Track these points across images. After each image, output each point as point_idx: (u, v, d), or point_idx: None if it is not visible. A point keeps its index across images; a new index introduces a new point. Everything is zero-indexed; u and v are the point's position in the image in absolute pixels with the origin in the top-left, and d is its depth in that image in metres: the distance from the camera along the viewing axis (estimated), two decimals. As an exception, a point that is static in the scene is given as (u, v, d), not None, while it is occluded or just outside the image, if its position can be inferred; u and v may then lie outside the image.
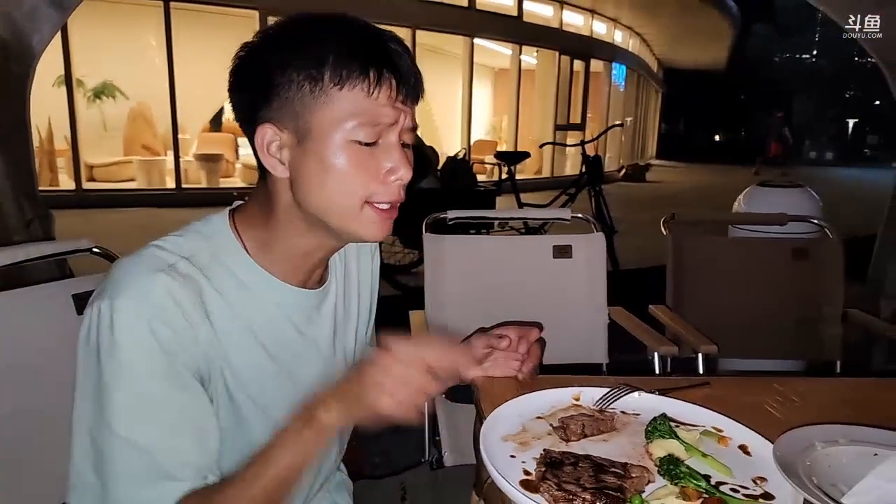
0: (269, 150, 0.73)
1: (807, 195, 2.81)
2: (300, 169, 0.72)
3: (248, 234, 0.78)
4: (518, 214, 2.91)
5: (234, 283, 0.75)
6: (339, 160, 0.71)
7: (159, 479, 0.68)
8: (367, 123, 0.71)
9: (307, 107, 0.70)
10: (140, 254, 0.72)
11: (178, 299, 0.68)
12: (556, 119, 12.19)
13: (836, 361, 1.94)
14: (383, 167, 0.73)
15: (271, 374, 0.78)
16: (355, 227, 0.75)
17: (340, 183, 0.72)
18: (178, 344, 0.68)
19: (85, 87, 8.80)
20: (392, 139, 0.73)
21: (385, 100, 0.71)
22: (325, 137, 0.71)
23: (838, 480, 0.66)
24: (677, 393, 0.90)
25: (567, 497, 0.63)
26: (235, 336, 0.74)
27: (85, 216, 6.65)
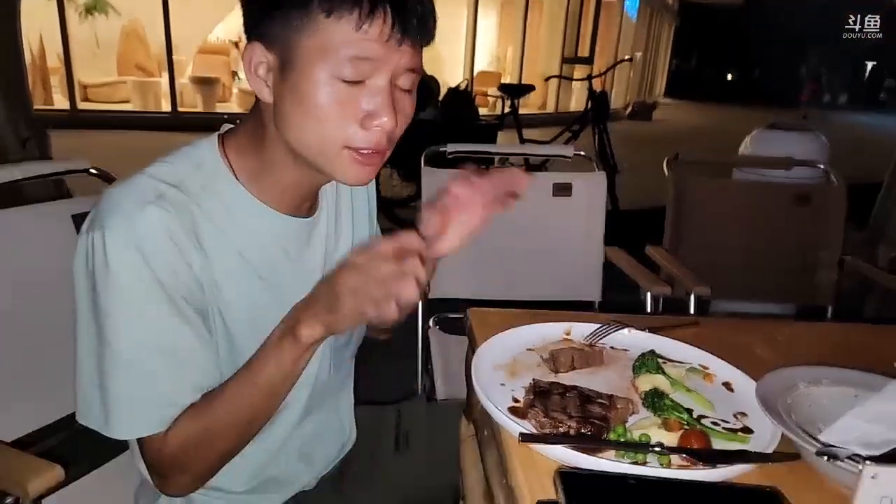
0: (257, 71, 0.69)
1: (815, 139, 2.77)
2: (281, 99, 0.69)
3: (237, 160, 0.76)
4: (519, 150, 2.86)
5: (225, 211, 0.74)
6: (317, 96, 0.66)
7: (160, 404, 0.70)
8: (353, 59, 0.65)
9: (292, 31, 0.65)
10: (129, 182, 0.70)
11: (170, 230, 0.68)
12: (563, 51, 11.82)
13: (827, 307, 1.97)
14: (364, 110, 0.68)
15: (264, 301, 0.78)
16: (331, 169, 0.72)
17: (316, 121, 0.68)
18: (172, 274, 0.68)
19: (76, 2, 8.48)
20: (381, 81, 0.68)
21: (376, 35, 0.65)
22: (306, 69, 0.66)
23: (818, 419, 0.68)
24: (667, 331, 0.92)
25: (553, 424, 0.66)
26: (227, 263, 0.74)
27: (80, 137, 6.54)
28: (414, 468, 1.00)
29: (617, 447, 0.62)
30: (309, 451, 0.93)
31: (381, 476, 1.00)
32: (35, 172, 1.21)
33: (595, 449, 0.61)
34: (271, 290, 0.79)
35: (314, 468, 0.95)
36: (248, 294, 0.76)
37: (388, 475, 1.00)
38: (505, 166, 4.88)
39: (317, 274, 0.85)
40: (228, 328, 0.76)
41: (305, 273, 0.83)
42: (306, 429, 0.91)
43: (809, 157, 2.27)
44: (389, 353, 1.23)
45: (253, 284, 0.77)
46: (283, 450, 0.90)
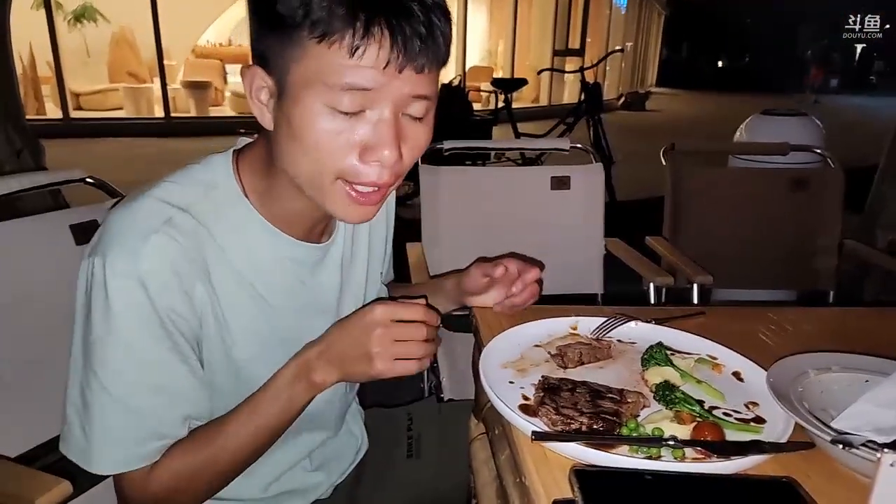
0: (258, 96, 0.65)
1: (810, 124, 2.76)
2: (278, 126, 0.64)
3: (249, 181, 0.73)
4: (515, 145, 2.85)
5: (235, 236, 0.71)
6: (308, 127, 0.61)
7: (146, 439, 0.68)
8: (348, 89, 0.59)
9: (286, 55, 0.60)
10: (134, 206, 0.67)
11: (174, 261, 0.65)
12: (554, 44, 11.81)
13: (829, 292, 1.97)
14: (363, 144, 0.63)
15: (273, 327, 0.76)
16: (326, 204, 0.67)
17: (306, 152, 0.62)
18: (171, 308, 0.66)
19: (64, 10, 8.44)
20: (382, 113, 0.62)
21: (372, 62, 0.58)
22: (297, 97, 0.61)
23: (829, 406, 0.67)
24: (673, 322, 0.92)
25: (565, 421, 0.65)
26: (235, 290, 0.72)
27: (74, 146, 6.53)
28: (427, 471, 1.00)
29: (630, 442, 0.61)
30: (323, 462, 0.93)
31: (394, 481, 0.99)
32: (31, 184, 1.20)
33: (608, 445, 0.60)
34: (281, 316, 0.77)
35: (330, 477, 0.94)
36: (257, 321, 0.74)
37: (402, 480, 1.00)
38: (502, 161, 4.88)
39: (330, 301, 0.83)
40: (233, 355, 0.74)
41: (318, 300, 0.81)
42: (321, 441, 0.91)
43: (805, 142, 2.27)
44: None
45: (262, 311, 0.75)
46: (299, 463, 0.90)
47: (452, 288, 0.98)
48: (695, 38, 26.19)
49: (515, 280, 0.92)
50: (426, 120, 0.67)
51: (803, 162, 2.19)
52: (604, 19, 13.94)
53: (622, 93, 14.09)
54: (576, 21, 12.56)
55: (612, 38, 14.18)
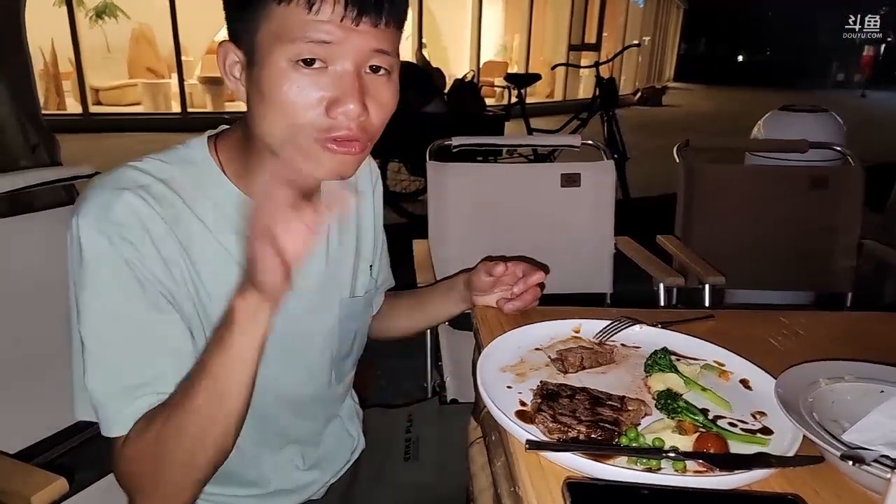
0: (231, 72, 0.68)
1: (830, 120, 2.69)
2: (250, 94, 0.67)
3: (227, 159, 0.75)
4: (525, 141, 2.82)
5: (214, 209, 0.73)
6: (275, 87, 0.64)
7: (132, 396, 0.67)
8: (308, 43, 0.63)
9: (249, 23, 0.64)
10: (115, 171, 0.70)
11: (145, 218, 0.66)
12: (569, 39, 11.70)
13: (847, 294, 1.92)
14: (327, 96, 0.65)
15: None
16: (302, 162, 0.68)
17: (279, 111, 0.65)
18: (141, 261, 0.66)
19: (86, 7, 8.53)
20: (343, 66, 0.64)
21: (328, 16, 0.62)
22: (263, 59, 0.64)
23: (841, 417, 0.64)
24: (680, 326, 0.89)
25: (562, 429, 0.63)
26: (218, 264, 0.72)
27: (93, 140, 6.60)
28: (425, 474, 0.98)
29: (629, 453, 0.59)
30: (317, 461, 0.92)
31: (390, 482, 0.98)
32: (39, 180, 1.21)
33: (606, 455, 0.58)
34: None
35: (323, 476, 0.93)
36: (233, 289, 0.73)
37: (398, 481, 0.98)
38: (514, 157, 4.85)
39: (315, 275, 0.83)
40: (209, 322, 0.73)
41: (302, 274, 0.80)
42: (309, 434, 0.90)
43: (825, 139, 2.21)
44: (398, 351, 1.22)
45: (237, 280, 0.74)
46: (292, 461, 0.89)
47: (463, 287, 0.97)
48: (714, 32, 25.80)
49: (518, 281, 0.91)
50: (391, 78, 0.70)
51: (822, 159, 2.13)
52: (621, 13, 13.78)
53: (638, 88, 13.93)
54: (592, 15, 12.43)
55: (629, 33, 14.01)
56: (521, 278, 0.91)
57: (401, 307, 1.06)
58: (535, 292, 0.92)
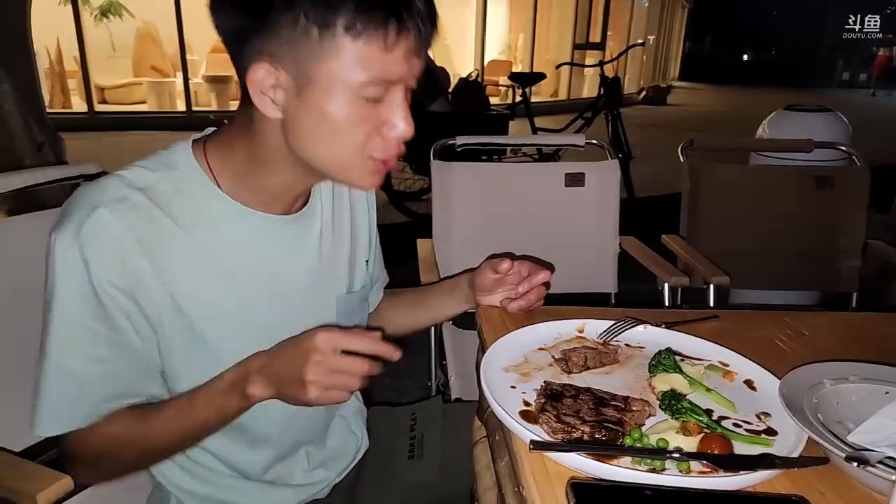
0: (263, 89, 0.66)
1: (836, 120, 2.68)
2: (297, 117, 0.67)
3: (220, 163, 0.74)
4: (529, 140, 2.81)
5: (199, 215, 0.73)
6: (342, 115, 0.66)
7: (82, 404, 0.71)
8: (378, 80, 0.65)
9: (312, 53, 0.63)
10: (99, 183, 0.70)
11: (114, 236, 0.67)
12: (574, 38, 11.68)
13: (852, 294, 1.91)
14: (385, 122, 0.69)
15: (243, 302, 0.76)
16: (349, 178, 0.72)
17: (340, 137, 0.68)
18: (109, 281, 0.67)
19: (91, 6, 8.56)
20: (398, 95, 0.69)
21: (402, 55, 0.65)
22: (330, 90, 0.65)
23: (845, 418, 0.64)
24: (684, 326, 0.89)
25: (566, 429, 0.63)
26: (200, 270, 0.73)
27: (98, 139, 6.62)
28: (429, 472, 0.98)
29: (633, 453, 0.59)
30: (322, 461, 0.93)
31: (394, 481, 0.98)
32: (43, 179, 1.20)
33: (610, 456, 0.58)
34: (250, 293, 0.77)
35: (328, 476, 0.94)
36: (221, 297, 0.75)
37: (402, 480, 0.98)
38: (518, 156, 4.84)
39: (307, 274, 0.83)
40: (197, 331, 0.74)
41: (295, 272, 0.81)
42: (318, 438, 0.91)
43: (830, 139, 2.20)
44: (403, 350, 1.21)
45: (227, 286, 0.75)
46: (296, 459, 0.89)
47: (466, 286, 0.97)
48: (719, 31, 25.69)
49: (523, 280, 0.91)
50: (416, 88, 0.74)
51: (828, 159, 2.12)
52: (625, 12, 13.74)
53: (643, 87, 13.90)
54: (597, 14, 12.40)
55: (633, 32, 13.98)
56: (526, 277, 0.91)
57: (402, 304, 1.07)
58: (539, 291, 0.92)
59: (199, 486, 0.85)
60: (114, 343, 0.70)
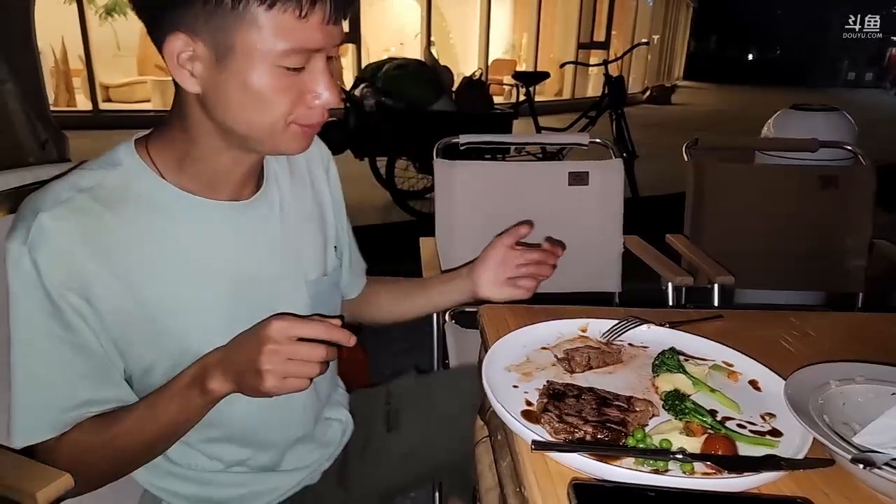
0: (179, 61, 0.67)
1: (841, 119, 2.66)
2: (218, 87, 0.68)
3: (161, 154, 0.75)
4: (532, 139, 2.80)
5: (147, 209, 0.73)
6: (263, 85, 0.66)
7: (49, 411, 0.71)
8: (297, 49, 0.66)
9: (227, 24, 0.64)
10: (46, 188, 0.71)
11: (59, 238, 0.67)
12: (578, 37, 11.64)
13: (857, 294, 1.90)
14: (308, 91, 0.70)
15: (208, 296, 0.76)
16: (275, 145, 0.73)
17: (263, 106, 0.68)
18: (60, 283, 0.68)
19: (96, 5, 8.57)
20: (319, 63, 0.69)
21: (317, 23, 0.65)
22: (248, 60, 0.65)
23: (851, 419, 0.64)
24: (689, 326, 0.88)
25: (568, 429, 0.63)
26: (156, 264, 0.73)
27: (102, 137, 6.60)
28: (408, 443, 0.99)
29: (636, 454, 0.58)
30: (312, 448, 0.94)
31: (377, 456, 1.00)
32: (46, 176, 1.19)
33: (612, 456, 0.57)
34: (216, 280, 0.77)
35: (320, 460, 0.95)
36: (185, 289, 0.75)
37: (386, 453, 1.00)
38: (522, 155, 4.82)
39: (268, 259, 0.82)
40: (160, 327, 0.74)
41: (256, 257, 0.81)
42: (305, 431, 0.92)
43: (836, 138, 2.19)
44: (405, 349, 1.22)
45: (189, 279, 0.75)
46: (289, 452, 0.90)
47: (466, 276, 0.98)
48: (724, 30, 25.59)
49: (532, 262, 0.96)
50: (337, 57, 0.74)
51: (833, 159, 2.11)
52: (630, 11, 13.70)
53: (647, 86, 13.84)
54: (601, 13, 12.37)
55: (638, 31, 13.93)
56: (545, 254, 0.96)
57: (397, 291, 1.07)
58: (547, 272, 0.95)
59: (184, 486, 0.85)
60: (72, 344, 0.70)
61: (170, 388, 0.73)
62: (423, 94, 4.06)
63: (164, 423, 0.73)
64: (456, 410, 0.96)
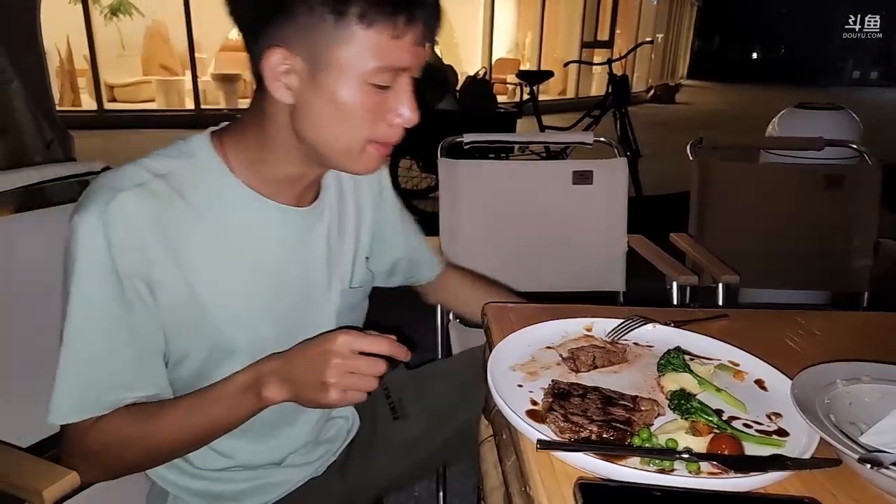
0: (277, 74, 0.69)
1: (847, 118, 2.65)
2: (308, 101, 0.70)
3: (235, 152, 0.77)
4: (536, 138, 2.80)
5: (216, 203, 0.74)
6: (352, 101, 0.69)
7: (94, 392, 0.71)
8: (387, 68, 0.68)
9: (325, 40, 0.66)
10: (120, 169, 0.72)
11: (136, 220, 0.68)
12: (582, 36, 11.63)
13: (863, 293, 1.89)
14: (392, 110, 0.72)
15: (257, 291, 0.78)
16: (350, 163, 0.75)
17: (348, 123, 0.70)
18: (128, 265, 0.69)
19: (101, 5, 8.60)
20: (405, 83, 0.71)
21: (410, 44, 0.68)
22: (341, 76, 0.68)
23: (858, 419, 0.63)
24: (694, 325, 0.88)
25: (573, 429, 0.62)
26: (215, 256, 0.74)
27: (107, 137, 6.65)
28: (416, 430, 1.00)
29: (641, 454, 0.58)
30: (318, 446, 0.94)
31: (381, 446, 1.00)
32: (52, 176, 1.21)
33: (618, 456, 0.57)
34: (265, 279, 0.78)
35: (325, 456, 0.96)
36: (243, 284, 0.76)
37: (390, 443, 1.00)
38: (526, 154, 4.82)
39: (317, 266, 0.84)
40: (208, 319, 0.75)
41: (303, 265, 0.83)
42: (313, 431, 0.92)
43: (841, 137, 2.18)
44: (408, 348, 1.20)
45: (242, 275, 0.77)
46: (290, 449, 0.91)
47: None
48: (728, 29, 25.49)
49: None
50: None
51: (839, 158, 2.10)
52: (634, 10, 13.66)
53: (651, 85, 13.82)
54: (605, 12, 12.34)
55: (642, 30, 13.89)
56: None
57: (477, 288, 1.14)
58: None
59: (193, 481, 0.86)
60: (128, 326, 0.71)
61: (217, 391, 0.74)
62: (427, 93, 4.06)
63: (207, 425, 0.74)
64: (456, 395, 0.98)
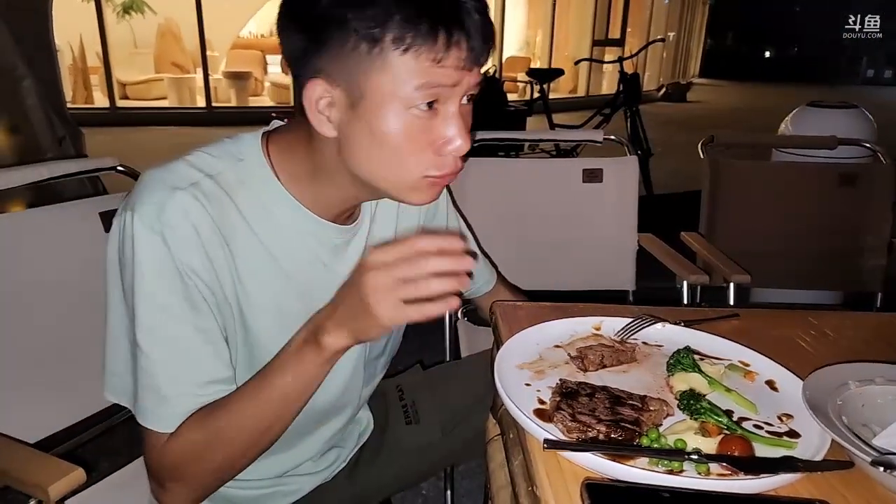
0: (318, 106, 0.66)
1: (860, 117, 2.62)
2: (350, 134, 0.67)
3: (280, 162, 0.74)
4: (546, 136, 2.78)
5: (261, 209, 0.72)
6: (393, 131, 0.65)
7: (177, 394, 0.68)
8: (428, 91, 0.64)
9: (362, 68, 0.63)
10: (168, 167, 0.70)
11: (195, 220, 0.67)
12: (593, 34, 11.57)
13: (876, 293, 1.87)
14: (439, 137, 0.67)
15: (292, 304, 0.75)
16: (405, 196, 0.71)
17: (394, 154, 0.66)
18: (189, 264, 0.67)
19: (113, 3, 8.67)
20: (452, 108, 0.66)
21: (452, 65, 0.63)
22: (380, 105, 0.64)
23: (871, 421, 0.62)
24: (704, 325, 0.87)
25: (581, 428, 0.62)
26: (256, 261, 0.72)
27: (119, 134, 6.71)
28: (430, 436, 0.99)
29: (650, 454, 0.58)
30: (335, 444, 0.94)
31: (393, 452, 0.99)
32: (63, 171, 1.22)
33: (626, 456, 0.57)
34: (301, 293, 0.76)
35: (338, 460, 0.95)
36: (275, 295, 0.74)
37: (402, 449, 0.99)
38: (536, 152, 4.80)
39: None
40: (250, 328, 0.73)
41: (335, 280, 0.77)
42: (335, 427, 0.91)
43: (855, 136, 2.15)
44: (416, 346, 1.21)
45: (281, 285, 0.75)
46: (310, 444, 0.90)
47: None
48: (741, 27, 25.26)
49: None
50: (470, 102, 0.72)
51: (852, 156, 2.07)
52: (645, 8, 13.58)
53: (663, 84, 13.72)
54: (616, 10, 12.28)
55: (653, 28, 13.80)
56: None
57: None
58: None
59: None
60: (197, 327, 0.68)
61: (279, 360, 0.70)
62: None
63: (278, 399, 0.69)
64: (469, 399, 0.97)
